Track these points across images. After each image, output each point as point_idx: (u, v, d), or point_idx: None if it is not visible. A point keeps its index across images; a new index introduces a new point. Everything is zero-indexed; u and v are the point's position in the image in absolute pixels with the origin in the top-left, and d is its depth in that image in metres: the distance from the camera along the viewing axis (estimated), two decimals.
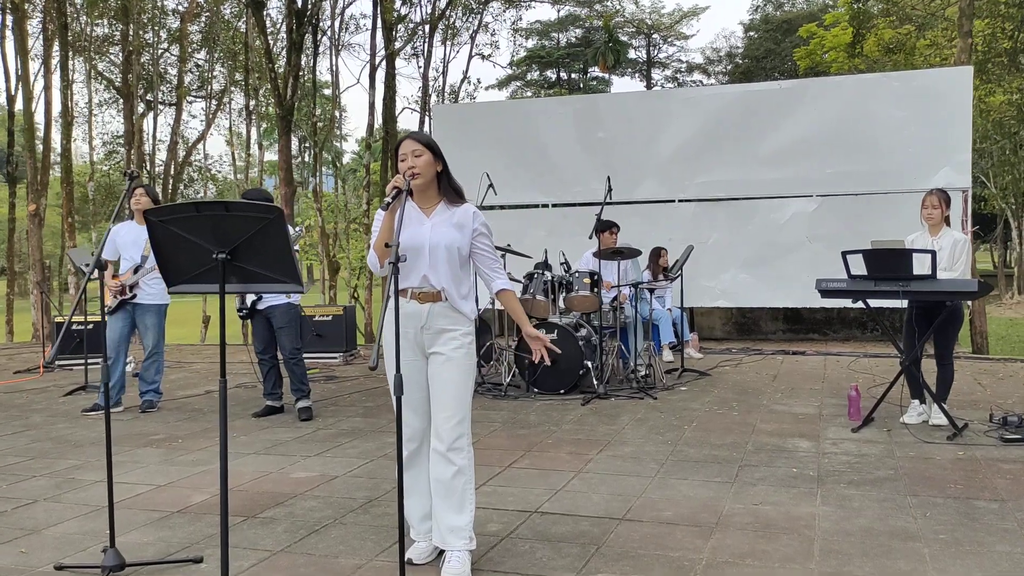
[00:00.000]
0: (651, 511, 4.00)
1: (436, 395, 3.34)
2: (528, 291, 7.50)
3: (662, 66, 46.91)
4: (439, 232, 3.34)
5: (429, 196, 3.41)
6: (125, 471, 4.90)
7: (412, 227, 3.37)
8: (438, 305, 3.33)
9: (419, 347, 3.36)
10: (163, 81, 20.35)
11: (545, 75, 46.48)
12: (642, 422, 6.04)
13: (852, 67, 23.82)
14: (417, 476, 3.45)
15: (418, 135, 3.44)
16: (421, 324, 3.33)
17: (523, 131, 11.08)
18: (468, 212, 3.40)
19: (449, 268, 3.33)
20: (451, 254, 3.33)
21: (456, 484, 3.30)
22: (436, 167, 3.37)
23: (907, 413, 5.90)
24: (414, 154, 3.33)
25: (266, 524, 3.88)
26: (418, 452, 3.44)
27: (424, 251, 3.32)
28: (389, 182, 3.36)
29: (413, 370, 3.37)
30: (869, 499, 4.13)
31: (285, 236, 2.77)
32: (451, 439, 3.29)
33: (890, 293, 5.46)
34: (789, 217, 10.29)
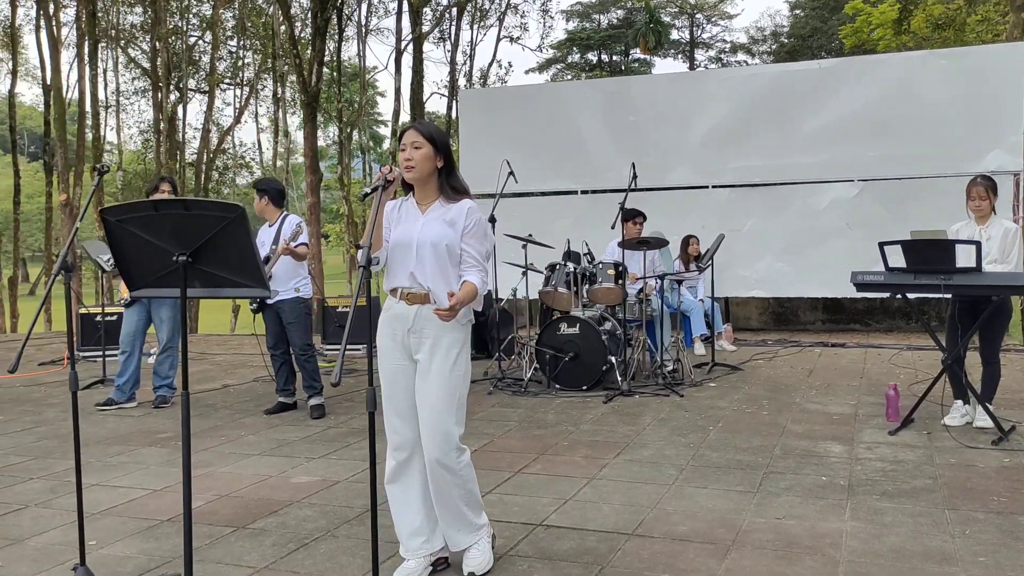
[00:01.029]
0: (664, 525, 3.73)
1: (421, 403, 3.13)
2: (550, 283, 7.23)
3: (705, 47, 45.97)
4: (429, 228, 3.13)
5: (427, 192, 3.19)
6: (123, 473, 4.76)
7: (406, 224, 3.18)
8: (426, 307, 3.11)
9: (406, 351, 3.15)
10: (196, 69, 20.36)
11: (586, 58, 45.83)
12: (665, 422, 5.76)
13: (900, 44, 23.04)
14: (407, 488, 3.24)
15: (421, 126, 3.21)
16: (408, 327, 3.13)
17: (552, 115, 10.79)
18: (463, 208, 3.16)
19: (437, 266, 3.11)
20: (438, 252, 3.10)
21: (449, 490, 3.16)
22: (436, 162, 3.15)
23: (949, 414, 5.54)
24: (413, 146, 3.12)
25: (255, 536, 3.68)
26: (408, 463, 3.22)
27: (412, 248, 3.12)
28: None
29: (401, 375, 3.18)
30: (903, 513, 3.82)
31: (248, 237, 2.54)
32: (438, 455, 3.11)
33: (931, 287, 5.10)
34: (828, 203, 9.87)
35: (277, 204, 6.43)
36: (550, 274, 7.28)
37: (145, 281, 2.69)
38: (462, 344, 3.16)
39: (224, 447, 5.36)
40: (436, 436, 3.10)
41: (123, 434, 5.79)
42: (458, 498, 3.19)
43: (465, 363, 3.17)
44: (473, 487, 3.25)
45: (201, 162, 18.79)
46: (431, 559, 3.26)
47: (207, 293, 2.68)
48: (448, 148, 3.24)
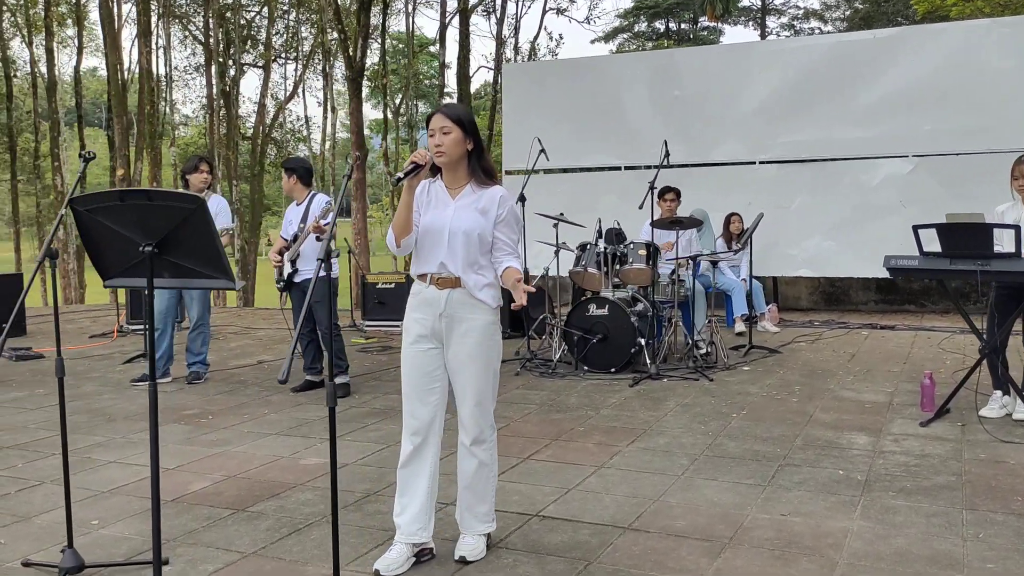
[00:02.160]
0: (664, 519, 3.63)
1: (457, 388, 3.19)
2: (580, 263, 7.12)
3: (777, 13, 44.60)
4: (461, 216, 3.12)
5: (458, 176, 3.17)
6: (141, 451, 4.84)
7: (436, 209, 3.17)
8: (457, 291, 3.12)
9: (435, 335, 3.16)
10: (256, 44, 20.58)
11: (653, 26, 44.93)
12: (688, 408, 5.63)
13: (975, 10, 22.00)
14: (417, 474, 3.23)
15: (450, 109, 3.17)
16: (439, 311, 3.14)
17: (596, 90, 10.59)
18: (495, 196, 3.15)
19: (467, 255, 3.11)
20: (470, 240, 3.10)
21: (480, 476, 3.24)
22: (466, 145, 3.12)
23: (987, 405, 5.29)
24: (442, 131, 3.09)
25: (252, 520, 3.71)
26: (423, 447, 3.22)
27: (444, 236, 3.11)
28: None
29: (425, 360, 3.19)
30: (917, 513, 3.65)
31: (210, 228, 2.51)
32: (475, 432, 3.20)
33: (967, 273, 4.85)
34: (881, 179, 9.50)
35: (306, 183, 6.45)
36: (581, 254, 7.16)
37: (116, 270, 2.69)
38: (495, 324, 3.18)
39: (245, 425, 5.43)
40: (474, 414, 3.18)
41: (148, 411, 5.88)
42: (486, 480, 3.26)
43: (498, 343, 3.21)
44: (497, 473, 3.32)
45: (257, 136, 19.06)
46: (416, 549, 3.24)
47: (177, 284, 2.67)
48: (477, 129, 3.20)
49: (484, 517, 3.27)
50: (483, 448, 3.22)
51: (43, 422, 5.60)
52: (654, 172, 10.31)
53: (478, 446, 3.21)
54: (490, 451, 3.25)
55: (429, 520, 3.24)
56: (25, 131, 21.45)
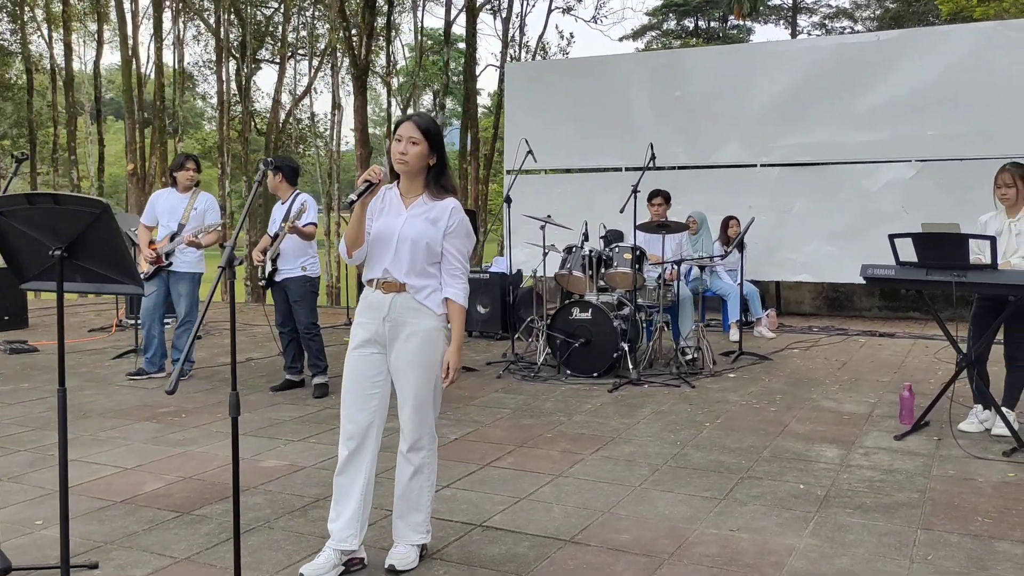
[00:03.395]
0: (609, 532, 3.57)
1: (398, 392, 3.17)
2: (565, 266, 7.05)
3: (809, 12, 44.05)
4: (411, 225, 3.10)
5: (414, 186, 3.16)
6: (105, 449, 4.85)
7: (388, 216, 3.15)
8: (401, 296, 3.10)
9: (379, 340, 3.14)
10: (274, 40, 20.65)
11: (682, 24, 44.57)
12: (662, 416, 5.55)
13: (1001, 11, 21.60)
14: (353, 480, 3.20)
15: (421, 119, 3.17)
16: (383, 315, 3.12)
17: (599, 90, 10.51)
18: (447, 208, 3.13)
19: (413, 262, 3.10)
20: (417, 248, 3.08)
21: (415, 484, 3.21)
22: (429, 160, 3.11)
23: (967, 419, 5.17)
24: (410, 140, 3.08)
25: (194, 523, 3.69)
26: (358, 453, 3.18)
27: (392, 242, 3.10)
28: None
29: (367, 364, 3.17)
30: (870, 531, 3.56)
31: (117, 233, 2.49)
32: (412, 439, 3.17)
33: (943, 284, 4.74)
34: (883, 185, 9.35)
35: (291, 182, 6.44)
36: (567, 256, 7.10)
37: (31, 273, 2.67)
38: (439, 331, 3.15)
39: (215, 424, 5.42)
40: (415, 421, 3.16)
41: (128, 407, 5.92)
42: (422, 490, 3.23)
43: (443, 349, 3.16)
44: (435, 482, 3.29)
45: (272, 132, 19.14)
46: (345, 557, 3.20)
47: (90, 288, 2.64)
48: (442, 145, 3.20)
49: (418, 527, 3.23)
50: (420, 455, 3.19)
51: (18, 417, 5.63)
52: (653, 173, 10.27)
53: (415, 453, 3.18)
54: (428, 459, 3.21)
55: (361, 528, 3.21)
56: (45, 125, 21.69)
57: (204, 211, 6.62)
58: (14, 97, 21.13)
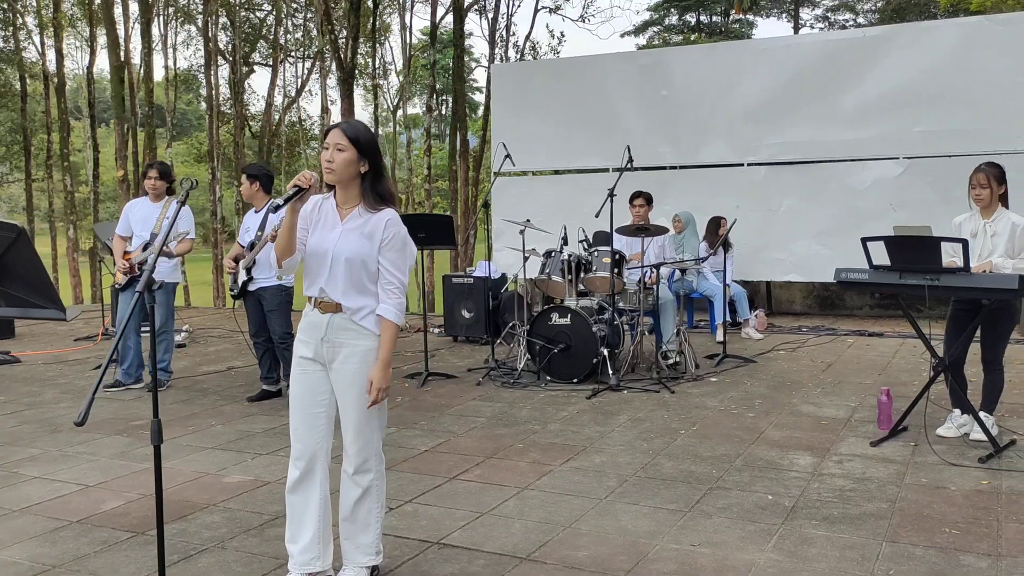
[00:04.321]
0: (567, 548, 3.50)
1: (341, 414, 3.09)
2: (545, 271, 6.98)
3: (811, 4, 43.78)
4: (345, 241, 2.99)
5: (349, 196, 3.05)
6: (71, 465, 4.80)
7: (323, 230, 3.05)
8: (338, 317, 3.01)
9: (320, 358, 3.06)
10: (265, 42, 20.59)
11: (684, 19, 44.35)
12: (638, 423, 5.48)
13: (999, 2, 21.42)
14: (307, 500, 3.13)
15: (349, 126, 3.05)
16: (321, 335, 3.03)
17: (585, 90, 10.43)
18: (382, 221, 3.01)
19: (350, 281, 2.99)
20: (352, 266, 2.98)
21: (362, 507, 3.13)
22: (360, 167, 2.99)
23: (945, 424, 5.09)
24: (336, 147, 2.96)
25: (147, 545, 3.63)
26: (309, 473, 3.12)
27: (327, 260, 3.00)
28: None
29: (310, 382, 3.09)
30: (834, 544, 3.49)
31: (35, 257, 2.42)
32: (358, 462, 3.09)
33: (916, 288, 4.66)
34: (871, 183, 9.25)
35: (267, 190, 6.39)
36: (546, 261, 7.03)
37: None
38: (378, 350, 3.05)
39: (186, 438, 5.36)
40: (358, 442, 3.07)
41: (101, 420, 5.86)
42: (370, 512, 3.15)
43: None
44: (384, 502, 3.20)
45: (265, 135, 19.08)
46: None
47: (15, 312, 2.58)
48: (376, 151, 3.05)
49: (367, 548, 3.16)
50: (367, 477, 3.11)
51: None
52: (640, 173, 10.21)
53: (361, 475, 3.10)
54: (376, 481, 3.13)
55: (324, 549, 3.15)
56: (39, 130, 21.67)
57: (180, 218, 6.54)
58: (8, 104, 21.12)
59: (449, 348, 8.64)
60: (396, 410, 5.98)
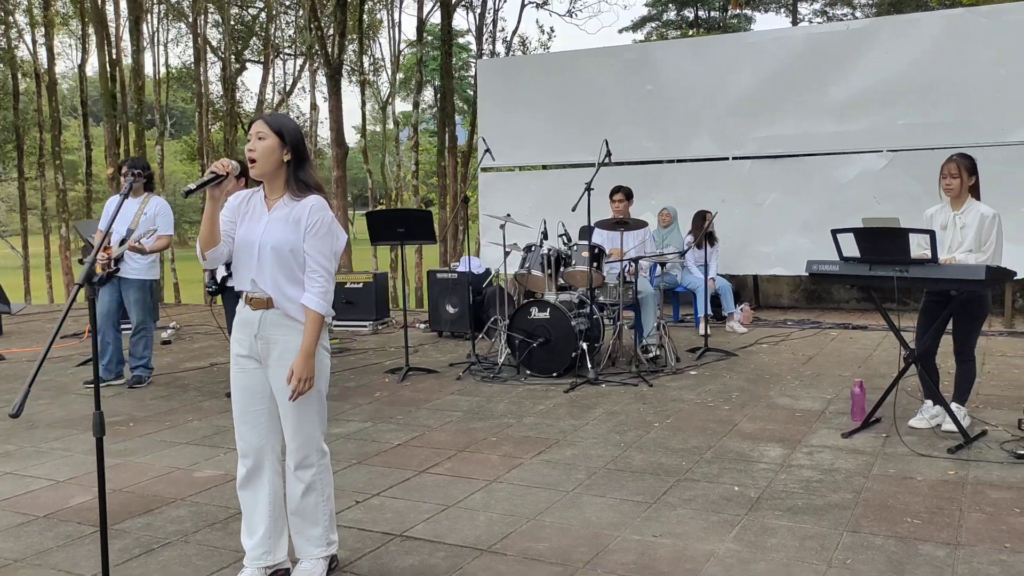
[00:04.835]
0: (528, 540, 3.51)
1: (280, 411, 3.07)
2: (524, 265, 6.99)
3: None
4: (271, 230, 2.98)
5: (275, 187, 3.03)
6: (43, 461, 4.81)
7: (250, 222, 3.04)
8: (271, 313, 2.99)
9: (255, 355, 3.05)
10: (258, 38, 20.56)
11: (682, 14, 44.23)
12: (613, 416, 5.49)
13: None
14: (257, 496, 3.14)
15: (271, 116, 3.05)
16: (255, 332, 3.02)
17: (571, 85, 10.44)
18: (307, 207, 2.98)
19: (280, 272, 2.97)
20: (280, 256, 2.95)
21: (308, 501, 3.11)
22: (283, 155, 2.97)
23: (917, 415, 5.10)
24: (258, 136, 2.96)
25: (111, 539, 3.63)
26: (257, 470, 3.12)
27: (254, 250, 2.98)
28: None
29: (248, 379, 3.08)
30: (794, 535, 3.50)
31: None
32: (298, 457, 3.07)
33: (886, 279, 4.67)
34: (855, 175, 9.26)
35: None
36: (527, 255, 7.03)
37: None
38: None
39: (161, 434, 5.37)
40: (297, 438, 3.05)
41: (78, 416, 5.87)
42: (319, 504, 3.13)
43: (320, 363, 3.04)
44: (331, 494, 3.18)
45: None
46: (269, 572, 3.15)
47: None
48: (298, 140, 3.04)
49: (318, 540, 3.15)
50: (310, 472, 3.09)
51: None
52: (625, 168, 10.21)
53: (304, 470, 3.08)
54: (320, 475, 3.11)
55: (276, 543, 3.16)
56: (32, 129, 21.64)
57: (154, 216, 6.55)
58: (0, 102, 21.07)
59: (433, 343, 8.65)
60: (373, 404, 6.00)
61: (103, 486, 2.62)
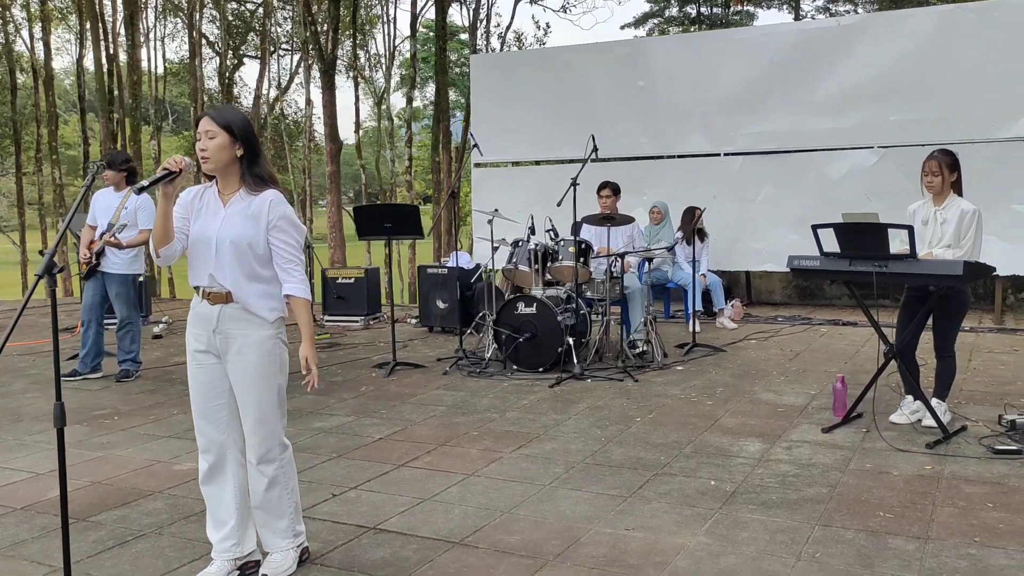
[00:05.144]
0: (501, 533, 3.52)
1: (240, 406, 3.07)
2: (512, 260, 6.99)
3: None
4: (229, 225, 2.98)
5: (230, 183, 3.04)
6: (26, 454, 4.83)
7: (206, 217, 3.04)
8: (229, 307, 3.00)
9: (213, 350, 3.05)
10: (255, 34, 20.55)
11: (685, 11, 44.15)
12: (596, 411, 5.50)
13: None
14: (222, 490, 3.15)
15: (218, 112, 3.03)
16: (212, 327, 3.02)
17: (563, 81, 10.44)
18: (265, 201, 2.99)
19: (239, 267, 2.98)
20: (239, 250, 2.96)
21: (271, 495, 3.12)
22: (235, 151, 2.98)
23: (898, 411, 5.11)
24: (207, 135, 2.96)
25: (86, 530, 3.66)
26: (220, 465, 3.13)
27: (212, 246, 2.99)
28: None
29: (206, 375, 3.08)
30: (766, 528, 3.51)
31: None
32: (260, 452, 3.07)
33: (865, 274, 4.67)
34: (846, 172, 9.27)
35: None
36: (514, 250, 7.04)
37: None
38: (273, 338, 3.04)
39: (146, 427, 5.39)
40: (258, 432, 3.05)
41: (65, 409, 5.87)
42: (283, 498, 3.14)
43: (279, 358, 3.06)
44: (295, 486, 3.19)
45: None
46: (238, 563, 3.17)
47: None
48: (249, 135, 3.04)
49: (284, 532, 3.16)
50: (272, 467, 3.09)
51: None
52: (616, 164, 10.22)
53: (266, 465, 3.08)
54: (282, 468, 3.11)
55: (245, 533, 3.17)
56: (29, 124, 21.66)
57: (135, 210, 6.55)
58: None
59: (423, 338, 8.66)
60: (358, 399, 6.01)
61: (64, 477, 2.64)
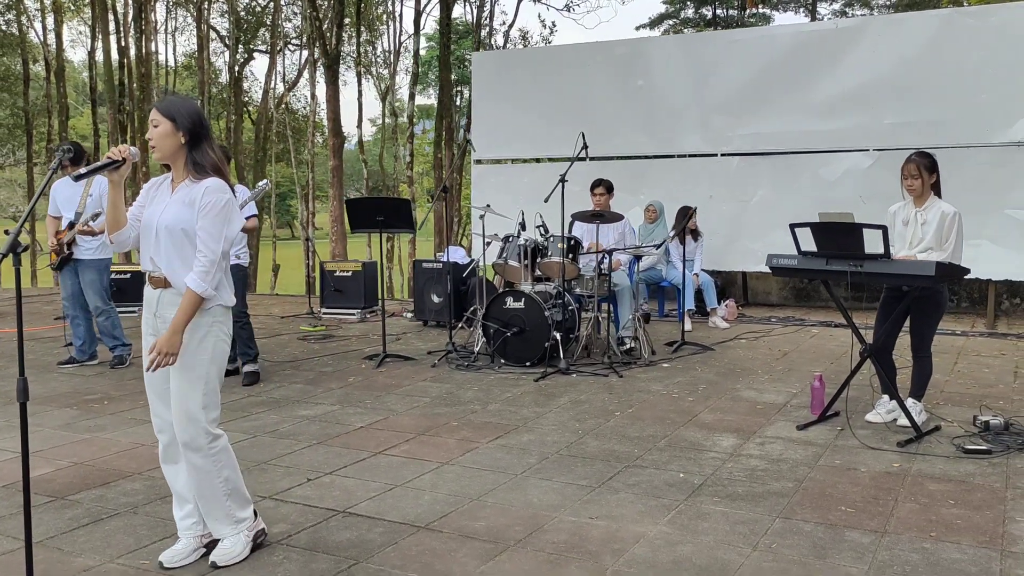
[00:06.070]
0: (467, 519, 3.60)
1: (172, 386, 3.12)
2: (502, 255, 7.07)
3: None
4: (168, 211, 3.07)
5: (178, 170, 3.14)
6: (14, 434, 4.94)
7: (154, 204, 3.14)
8: (167, 292, 3.08)
9: (155, 333, 3.12)
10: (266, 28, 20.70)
11: (700, 12, 44.10)
12: (577, 405, 5.57)
13: None
14: (176, 470, 3.25)
15: (164, 103, 3.13)
16: (153, 310, 3.12)
17: (563, 79, 10.49)
18: (201, 188, 3.06)
19: (174, 252, 3.05)
20: (173, 235, 3.04)
21: (203, 484, 3.15)
22: (179, 139, 3.06)
23: (874, 409, 5.16)
24: (152, 124, 3.06)
25: (63, 508, 3.75)
26: (173, 445, 3.22)
27: (152, 231, 3.08)
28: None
29: None
30: (727, 520, 3.57)
31: None
32: (185, 438, 3.11)
33: (841, 274, 4.73)
34: (841, 174, 9.28)
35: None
36: (504, 246, 7.11)
37: None
38: (207, 326, 3.09)
39: (134, 412, 5.49)
40: (181, 419, 3.10)
41: (57, 394, 6.00)
42: (214, 487, 3.16)
43: (212, 345, 3.11)
44: (231, 475, 3.21)
45: (262, 122, 19.20)
46: (203, 540, 3.25)
47: None
48: (194, 123, 3.09)
49: (227, 519, 3.19)
50: (199, 455, 3.10)
51: None
52: (614, 162, 10.26)
53: (193, 453, 3.09)
54: (211, 456, 3.11)
55: None
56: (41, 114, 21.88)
57: (100, 196, 6.62)
58: (11, 88, 21.32)
59: (417, 332, 8.75)
60: (345, 389, 6.10)
61: (27, 453, 2.72)
